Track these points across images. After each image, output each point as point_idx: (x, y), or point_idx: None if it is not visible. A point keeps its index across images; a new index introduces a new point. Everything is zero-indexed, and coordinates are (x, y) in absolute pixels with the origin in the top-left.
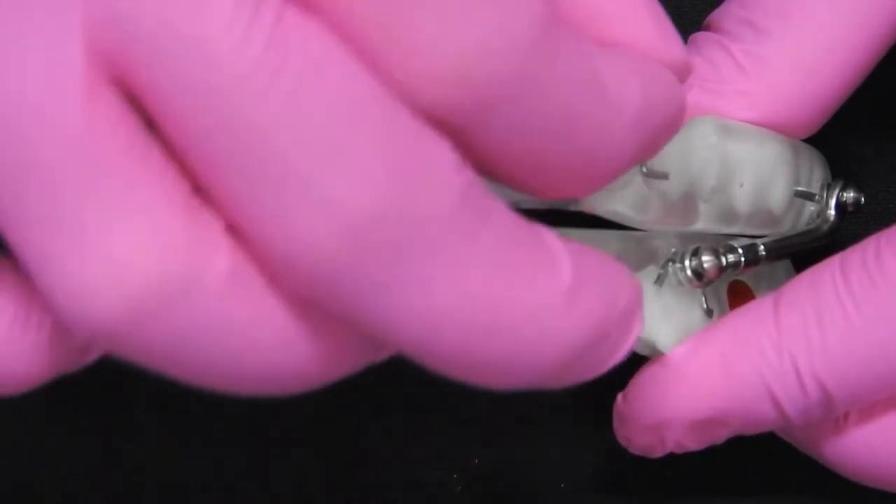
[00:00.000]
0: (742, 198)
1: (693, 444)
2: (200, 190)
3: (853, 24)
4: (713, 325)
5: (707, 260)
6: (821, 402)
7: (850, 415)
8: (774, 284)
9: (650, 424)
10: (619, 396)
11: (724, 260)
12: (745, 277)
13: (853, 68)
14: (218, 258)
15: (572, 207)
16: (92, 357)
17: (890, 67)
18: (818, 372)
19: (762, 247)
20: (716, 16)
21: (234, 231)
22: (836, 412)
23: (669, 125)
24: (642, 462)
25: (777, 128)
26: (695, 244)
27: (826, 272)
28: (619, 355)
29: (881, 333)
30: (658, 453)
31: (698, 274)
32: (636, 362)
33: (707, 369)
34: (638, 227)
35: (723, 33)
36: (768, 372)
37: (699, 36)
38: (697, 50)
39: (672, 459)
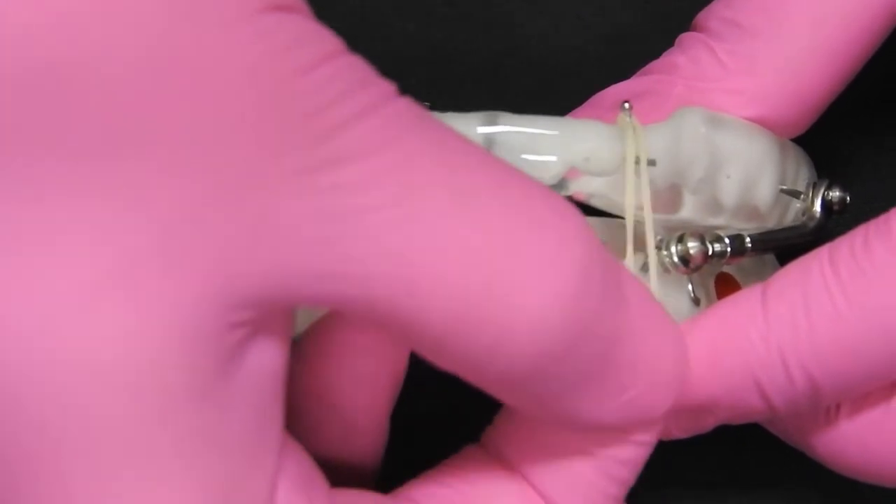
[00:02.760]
0: (728, 189)
1: (679, 431)
2: None
3: (837, 23)
4: (701, 314)
5: (693, 246)
6: (807, 392)
7: (841, 408)
8: (762, 280)
9: None
10: None
11: (710, 247)
12: (733, 272)
13: (838, 67)
14: None
15: (561, 193)
16: None
17: (876, 67)
18: (805, 361)
19: (748, 238)
20: (702, 16)
21: None
22: (823, 402)
23: None
24: None
25: (762, 126)
26: (680, 232)
27: (814, 261)
28: None
29: (869, 322)
30: None
31: (684, 259)
32: None
33: (694, 357)
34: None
35: (708, 33)
36: (755, 361)
37: (685, 36)
38: (683, 50)
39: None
